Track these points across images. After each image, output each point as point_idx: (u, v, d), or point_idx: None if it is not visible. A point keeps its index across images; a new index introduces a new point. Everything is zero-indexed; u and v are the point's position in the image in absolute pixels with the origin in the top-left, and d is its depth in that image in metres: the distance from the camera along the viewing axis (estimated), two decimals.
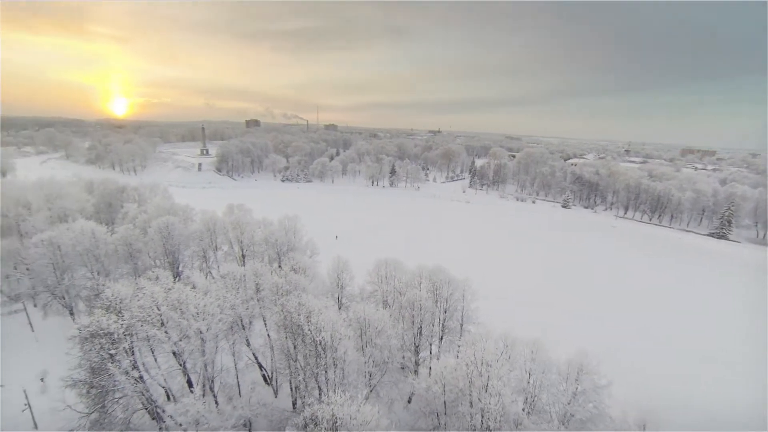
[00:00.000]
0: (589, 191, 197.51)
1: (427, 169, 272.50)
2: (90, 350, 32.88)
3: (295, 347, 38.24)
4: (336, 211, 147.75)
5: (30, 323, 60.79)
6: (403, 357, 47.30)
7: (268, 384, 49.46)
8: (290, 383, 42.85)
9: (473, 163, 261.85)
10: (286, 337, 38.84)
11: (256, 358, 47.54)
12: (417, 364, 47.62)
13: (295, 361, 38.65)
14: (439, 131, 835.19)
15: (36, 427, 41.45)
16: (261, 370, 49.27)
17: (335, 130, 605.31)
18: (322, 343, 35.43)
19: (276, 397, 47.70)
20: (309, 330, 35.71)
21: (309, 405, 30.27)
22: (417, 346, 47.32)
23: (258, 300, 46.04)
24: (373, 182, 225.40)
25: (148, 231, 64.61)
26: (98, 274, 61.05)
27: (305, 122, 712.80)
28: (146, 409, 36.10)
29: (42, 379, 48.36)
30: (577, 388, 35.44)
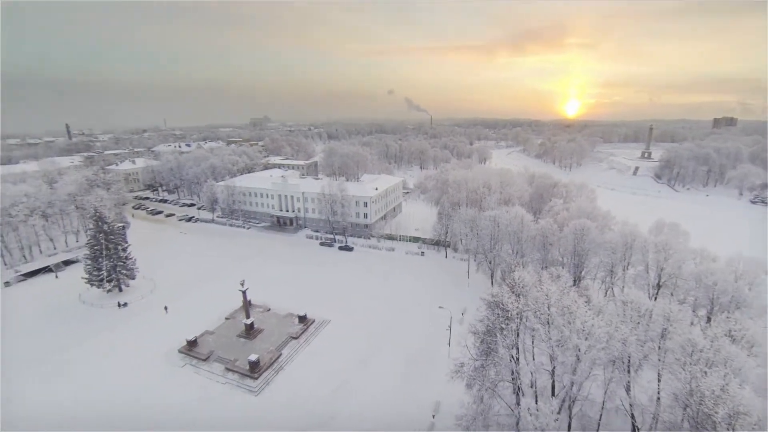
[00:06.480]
0: None
1: None
2: (490, 314, 40.61)
3: None
4: None
5: (468, 271, 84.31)
6: None
7: None
8: None
9: None
10: (683, 420, 29.26)
11: (631, 412, 39.87)
12: None
13: None
14: None
15: (449, 344, 58.02)
16: (633, 427, 40.95)
17: None
18: None
19: None
20: None
21: None
22: None
23: (659, 348, 37.34)
24: None
25: (564, 229, 68.38)
26: (516, 253, 72.96)
27: None
28: (512, 384, 40.44)
29: (462, 314, 66.51)
30: None
